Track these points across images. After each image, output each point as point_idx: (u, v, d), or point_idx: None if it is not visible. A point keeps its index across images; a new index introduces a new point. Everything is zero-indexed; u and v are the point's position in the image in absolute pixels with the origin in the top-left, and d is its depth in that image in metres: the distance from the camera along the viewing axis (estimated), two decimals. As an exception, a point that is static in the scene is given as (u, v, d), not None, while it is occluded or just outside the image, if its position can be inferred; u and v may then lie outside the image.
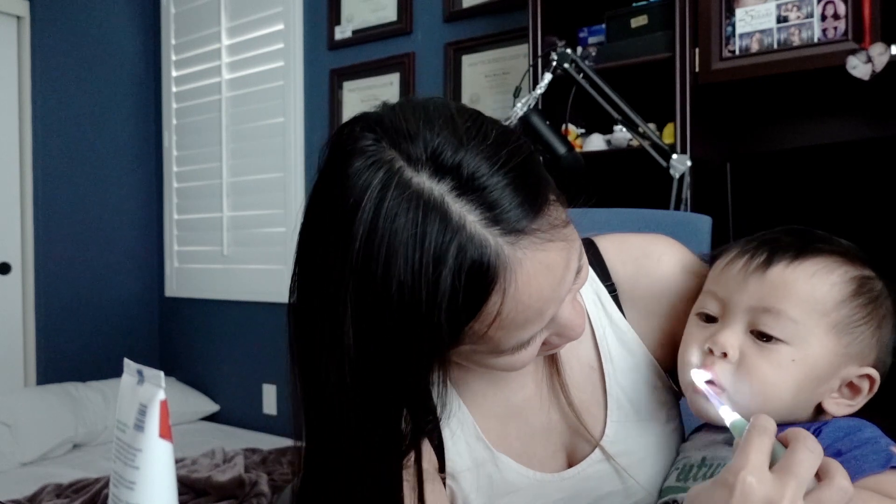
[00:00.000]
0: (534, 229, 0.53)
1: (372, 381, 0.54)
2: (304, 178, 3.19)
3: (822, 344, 0.63)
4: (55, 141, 3.37)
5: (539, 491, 0.70)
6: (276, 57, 3.23)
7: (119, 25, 3.62)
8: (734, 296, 0.65)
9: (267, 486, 2.35)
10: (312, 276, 0.56)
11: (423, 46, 2.85)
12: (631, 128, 1.79)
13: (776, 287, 0.63)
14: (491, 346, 0.57)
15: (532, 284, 0.53)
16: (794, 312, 0.62)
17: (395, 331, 0.52)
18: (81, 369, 3.35)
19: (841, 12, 1.75)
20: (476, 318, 0.53)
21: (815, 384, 0.63)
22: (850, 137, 1.96)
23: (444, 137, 0.52)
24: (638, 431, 0.72)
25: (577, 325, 0.61)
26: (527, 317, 0.55)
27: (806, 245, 0.65)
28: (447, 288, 0.51)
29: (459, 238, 0.51)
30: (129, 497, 0.47)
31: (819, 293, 0.63)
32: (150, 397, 0.47)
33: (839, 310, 0.63)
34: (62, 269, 3.39)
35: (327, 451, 0.59)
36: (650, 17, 2.04)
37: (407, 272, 0.50)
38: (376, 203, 0.51)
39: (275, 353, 3.31)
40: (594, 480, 0.71)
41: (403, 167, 0.52)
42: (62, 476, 2.57)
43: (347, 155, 0.53)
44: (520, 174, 0.53)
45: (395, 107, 0.56)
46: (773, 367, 0.62)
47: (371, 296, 0.51)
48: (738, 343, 0.64)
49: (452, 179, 0.51)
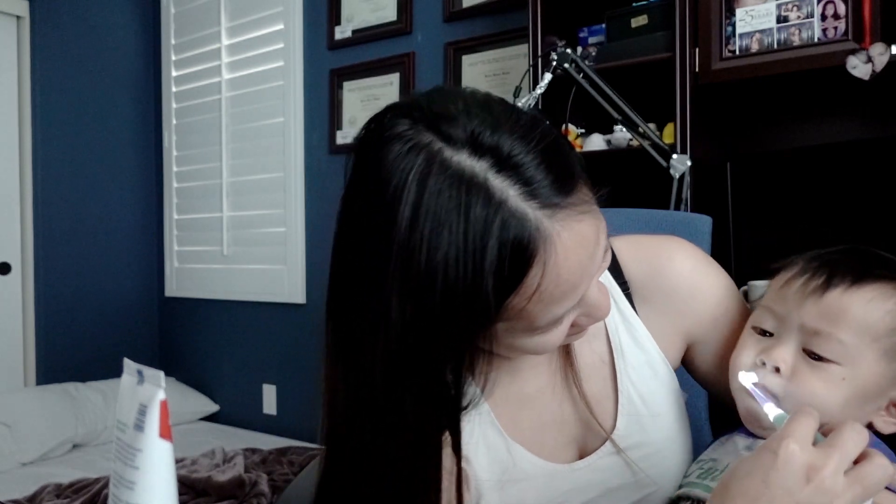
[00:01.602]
0: (569, 203, 0.55)
1: (417, 356, 0.56)
2: (304, 178, 3.19)
3: (872, 367, 0.64)
4: (55, 141, 3.37)
5: (549, 481, 0.71)
6: (276, 57, 3.23)
7: (119, 25, 3.62)
8: (791, 314, 0.67)
9: (267, 486, 2.35)
10: (355, 260, 0.57)
11: (423, 46, 2.85)
12: (631, 128, 1.79)
13: (832, 311, 0.65)
14: (527, 323, 0.59)
15: (569, 257, 0.56)
16: (847, 336, 0.64)
17: (440, 306, 0.54)
18: (81, 369, 3.35)
19: (841, 12, 1.75)
20: (517, 291, 0.55)
21: (862, 402, 0.65)
22: (850, 137, 1.96)
23: (482, 119, 0.55)
24: (648, 426, 0.73)
25: (603, 304, 0.63)
26: (563, 290, 0.57)
27: (866, 270, 0.66)
28: (493, 261, 0.53)
29: (502, 212, 0.53)
30: (129, 497, 0.47)
31: (873, 319, 0.64)
32: (150, 397, 0.47)
33: (892, 336, 0.64)
34: (62, 269, 3.39)
35: (366, 428, 0.60)
36: (650, 17, 2.04)
37: (452, 248, 0.52)
38: (419, 183, 0.53)
39: (275, 353, 3.31)
40: (604, 472, 0.72)
41: (443, 148, 0.54)
42: (62, 476, 2.57)
43: (384, 142, 0.55)
44: (552, 153, 0.56)
45: (429, 94, 0.59)
46: (823, 383, 0.64)
47: (416, 273, 0.53)
48: (791, 360, 0.66)
49: (491, 158, 0.54)
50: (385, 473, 0.60)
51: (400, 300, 0.54)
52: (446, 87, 0.59)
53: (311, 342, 3.15)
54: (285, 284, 3.23)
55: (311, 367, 3.16)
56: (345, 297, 0.59)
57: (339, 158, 3.09)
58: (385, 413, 0.58)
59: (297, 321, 3.22)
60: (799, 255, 0.71)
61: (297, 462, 2.61)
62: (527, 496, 0.71)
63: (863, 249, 0.70)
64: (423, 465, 0.60)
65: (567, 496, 0.72)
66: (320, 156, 3.16)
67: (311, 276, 3.18)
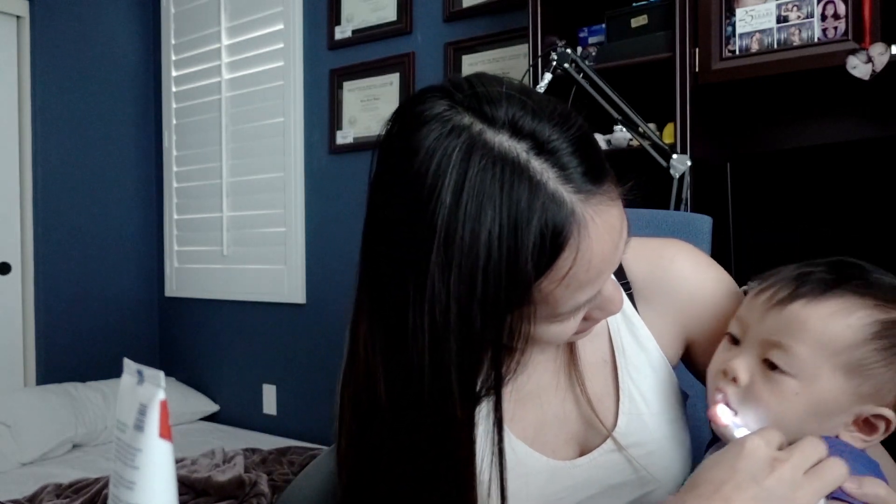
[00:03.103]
0: (601, 191, 0.57)
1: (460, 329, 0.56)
2: (304, 178, 3.19)
3: (829, 382, 0.63)
4: (55, 141, 3.37)
5: (551, 477, 0.72)
6: (276, 57, 3.23)
7: (119, 25, 3.62)
8: (753, 325, 0.67)
9: (267, 486, 2.35)
10: (395, 239, 0.58)
11: (423, 46, 2.85)
12: (631, 128, 1.79)
13: (790, 323, 0.64)
14: (551, 309, 0.60)
15: (599, 243, 0.57)
16: (802, 350, 0.63)
17: (483, 282, 0.55)
18: (81, 369, 3.35)
19: (841, 12, 1.75)
20: (548, 273, 0.57)
21: (822, 418, 0.64)
22: (850, 137, 1.96)
23: (522, 105, 0.57)
24: (648, 424, 0.74)
25: (617, 299, 0.65)
26: (590, 276, 0.58)
27: (837, 282, 0.65)
28: (531, 240, 0.54)
29: (543, 194, 0.55)
30: (129, 497, 0.47)
31: (832, 333, 0.63)
32: (150, 397, 0.47)
33: (851, 352, 0.63)
34: (62, 269, 3.39)
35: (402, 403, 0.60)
36: (650, 17, 2.04)
37: (496, 225, 0.54)
38: (462, 162, 0.54)
39: (275, 353, 3.31)
40: (605, 469, 0.72)
41: (484, 129, 0.55)
42: (62, 476, 2.57)
43: (423, 121, 0.57)
44: (585, 143, 0.58)
45: (469, 77, 0.60)
46: (776, 397, 0.64)
47: (459, 249, 0.54)
48: (749, 370, 0.66)
49: (531, 141, 0.56)
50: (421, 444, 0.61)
51: (443, 276, 0.55)
52: (486, 74, 0.61)
53: (311, 342, 3.15)
54: (285, 284, 3.23)
55: (311, 367, 3.16)
56: (383, 275, 0.59)
57: (339, 158, 3.09)
58: (428, 384, 0.58)
59: (297, 321, 3.22)
60: (784, 266, 0.70)
61: (297, 462, 2.61)
62: (528, 492, 0.71)
63: (850, 262, 0.68)
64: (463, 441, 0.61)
65: (568, 492, 0.72)
66: (320, 156, 3.16)
67: (311, 276, 3.18)
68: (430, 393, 0.58)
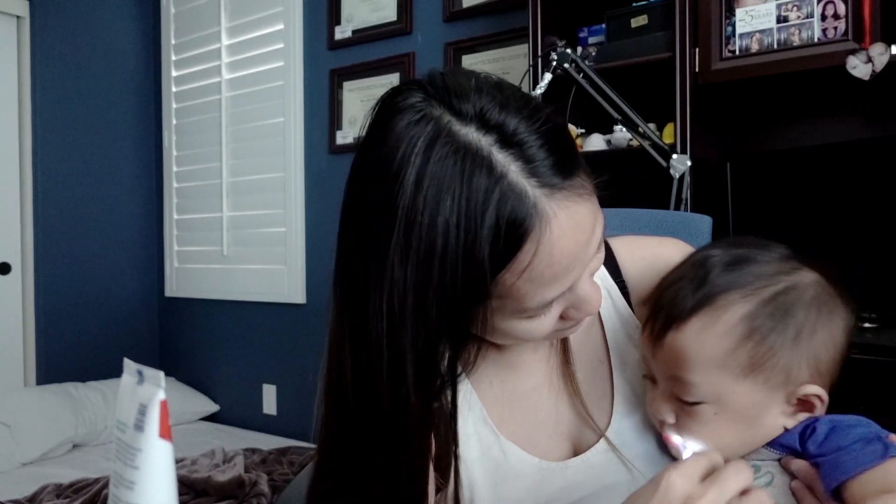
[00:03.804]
0: (568, 185, 0.57)
1: (416, 319, 0.57)
2: (304, 178, 3.19)
3: (736, 391, 0.62)
4: (55, 141, 3.37)
5: (543, 477, 0.72)
6: (276, 57, 3.23)
7: (119, 25, 3.62)
8: (651, 365, 0.67)
9: (267, 486, 2.35)
10: (362, 223, 0.59)
11: (423, 46, 2.85)
12: (631, 128, 1.79)
13: (673, 355, 0.64)
14: (515, 304, 0.60)
15: (563, 238, 0.57)
16: (694, 377, 0.63)
17: (440, 270, 0.55)
18: (81, 369, 3.35)
19: (841, 12, 1.75)
20: (509, 266, 0.56)
21: (753, 421, 0.64)
22: (850, 137, 1.96)
23: (491, 98, 0.57)
24: (643, 425, 0.73)
25: (594, 299, 0.64)
26: (554, 272, 0.58)
27: (695, 293, 0.64)
28: (488, 230, 0.54)
29: (502, 185, 0.55)
30: (129, 497, 0.47)
31: (708, 350, 0.62)
32: (150, 397, 0.47)
33: (736, 357, 0.62)
34: (62, 269, 3.39)
35: (363, 386, 0.61)
36: (650, 17, 2.04)
37: (453, 214, 0.54)
38: (426, 150, 0.55)
39: (275, 353, 3.31)
40: (598, 470, 0.72)
41: (452, 121, 0.56)
42: (62, 476, 2.57)
43: (396, 112, 0.58)
44: (555, 137, 0.58)
45: (443, 71, 0.61)
46: (701, 425, 0.64)
47: (418, 236, 0.55)
48: (671, 408, 0.66)
49: (497, 134, 0.56)
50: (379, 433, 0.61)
51: (402, 261, 0.56)
52: (462, 68, 0.62)
53: (311, 342, 3.15)
54: (285, 284, 3.23)
55: (311, 367, 3.16)
56: (351, 258, 0.60)
57: (339, 158, 3.09)
58: (386, 372, 0.59)
59: (297, 321, 3.22)
60: (665, 276, 0.69)
61: (297, 462, 2.61)
62: (520, 494, 0.71)
63: (705, 257, 0.66)
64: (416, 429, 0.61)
65: (561, 493, 0.72)
66: (320, 156, 3.16)
67: (311, 276, 3.18)
68: (387, 381, 0.59)
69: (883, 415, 0.68)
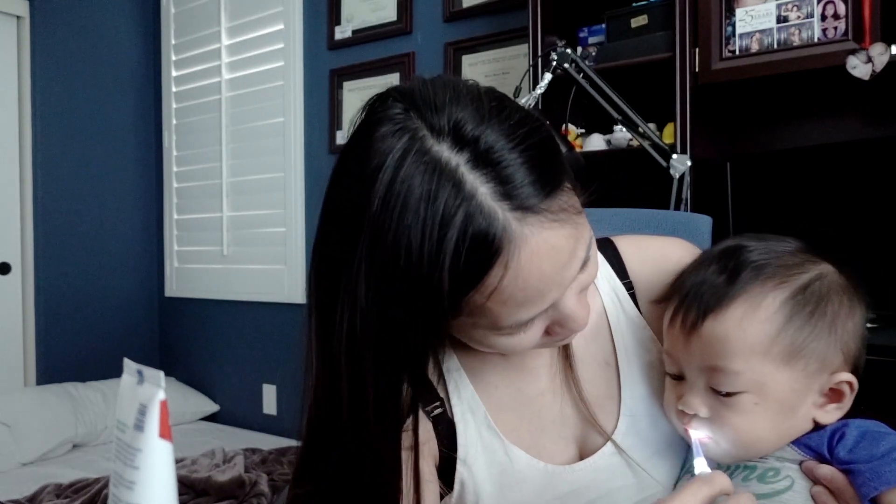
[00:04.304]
0: (543, 209, 0.55)
1: (378, 336, 0.57)
2: (304, 178, 3.19)
3: (778, 379, 0.62)
4: (55, 141, 3.37)
5: (549, 482, 0.71)
6: (276, 57, 3.23)
7: (119, 25, 3.62)
8: (683, 358, 0.66)
9: (267, 486, 2.35)
10: (333, 231, 0.59)
11: (423, 46, 2.85)
12: (631, 128, 1.79)
13: (713, 345, 0.63)
14: (490, 322, 0.59)
15: (535, 263, 0.55)
16: (737, 365, 0.62)
17: (401, 288, 0.54)
18: (81, 369, 3.35)
19: (841, 12, 1.75)
20: (477, 287, 0.55)
21: (790, 411, 0.64)
22: (850, 137, 1.96)
23: (468, 112, 0.55)
24: (651, 426, 0.73)
25: (579, 318, 0.62)
26: (526, 296, 0.56)
27: (731, 280, 0.64)
28: (450, 252, 0.53)
29: (468, 206, 0.53)
30: (129, 497, 0.47)
31: (752, 337, 0.62)
32: (150, 397, 0.47)
33: (778, 342, 0.62)
34: (62, 269, 3.39)
35: (331, 407, 0.60)
36: (650, 17, 2.04)
37: (416, 232, 0.53)
38: (396, 165, 0.54)
39: (275, 353, 3.31)
40: (605, 473, 0.72)
41: (426, 136, 0.55)
42: (62, 476, 2.57)
43: (376, 122, 0.57)
44: (536, 154, 0.55)
45: (426, 81, 0.59)
46: (740, 416, 0.63)
47: (383, 253, 0.54)
48: (705, 402, 0.65)
49: (470, 151, 0.54)
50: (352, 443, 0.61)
51: (367, 277, 0.55)
52: (445, 77, 0.60)
53: (311, 342, 3.15)
54: (285, 284, 3.23)
55: (311, 367, 3.16)
56: (321, 268, 0.60)
57: (339, 158, 3.08)
58: (348, 388, 0.58)
59: (297, 321, 3.21)
60: (681, 274, 0.69)
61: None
62: (526, 498, 0.71)
63: (732, 248, 0.67)
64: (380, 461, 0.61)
65: (567, 497, 0.71)
66: (320, 156, 3.16)
67: (311, 276, 3.18)
68: (348, 404, 0.59)
69: (883, 415, 0.68)
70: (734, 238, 0.69)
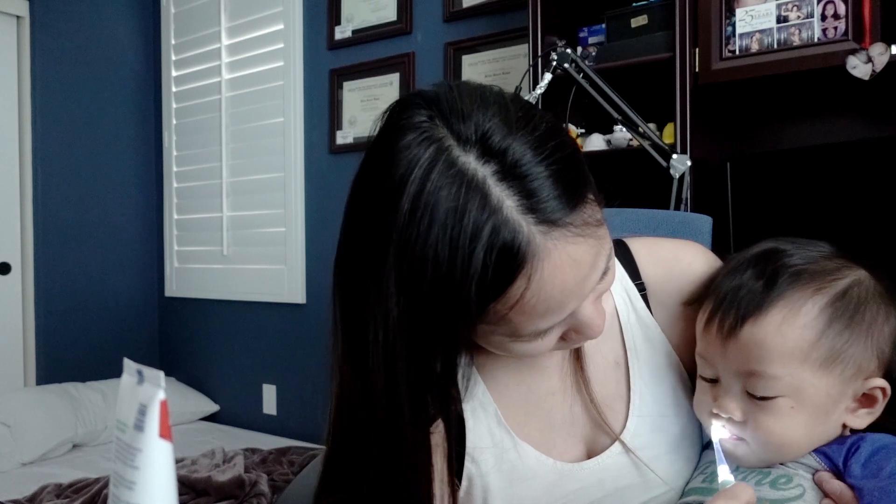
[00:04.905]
0: (567, 223, 0.55)
1: (409, 343, 0.57)
2: (304, 178, 3.19)
3: (815, 384, 0.63)
4: (55, 141, 3.37)
5: (558, 479, 0.72)
6: (276, 57, 3.23)
7: (119, 25, 3.62)
8: (719, 362, 0.66)
9: (267, 486, 2.35)
10: (359, 241, 0.58)
11: (423, 46, 2.85)
12: (631, 128, 1.79)
13: (751, 349, 0.63)
14: (510, 330, 0.59)
15: (557, 276, 0.55)
16: (776, 369, 0.62)
17: (429, 298, 0.55)
18: (81, 369, 3.35)
19: (841, 12, 1.75)
20: (500, 298, 0.55)
21: (825, 416, 0.64)
22: (850, 137, 1.96)
23: (496, 123, 0.55)
24: (659, 427, 0.73)
25: (596, 325, 0.63)
26: (548, 307, 0.57)
27: (768, 287, 0.64)
28: (479, 264, 0.53)
29: (495, 219, 0.53)
30: (129, 497, 0.47)
31: (791, 342, 0.62)
32: (150, 397, 0.47)
33: (818, 348, 0.62)
34: (62, 269, 3.39)
35: (364, 410, 0.60)
36: (650, 17, 2.04)
37: (444, 244, 0.53)
38: (423, 177, 0.54)
39: (275, 353, 3.31)
40: (613, 472, 0.72)
41: (452, 146, 0.54)
42: (62, 476, 2.57)
43: (401, 130, 0.56)
44: (562, 168, 0.56)
45: (452, 86, 0.59)
46: (775, 419, 0.63)
47: (411, 264, 0.54)
48: (739, 405, 0.65)
49: (497, 163, 0.54)
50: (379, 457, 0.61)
51: (396, 286, 0.55)
52: (472, 84, 0.60)
53: (311, 342, 3.15)
54: (285, 284, 3.23)
55: (311, 367, 3.16)
56: (349, 278, 0.60)
57: (339, 158, 3.09)
58: (381, 392, 0.59)
59: (297, 321, 3.22)
60: (715, 279, 0.69)
61: (297, 462, 2.61)
62: (535, 494, 0.71)
63: (769, 252, 0.67)
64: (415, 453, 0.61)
65: (575, 495, 0.72)
66: (320, 156, 3.16)
67: (311, 276, 3.18)
68: (384, 409, 0.59)
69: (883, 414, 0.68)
70: (768, 241, 0.69)
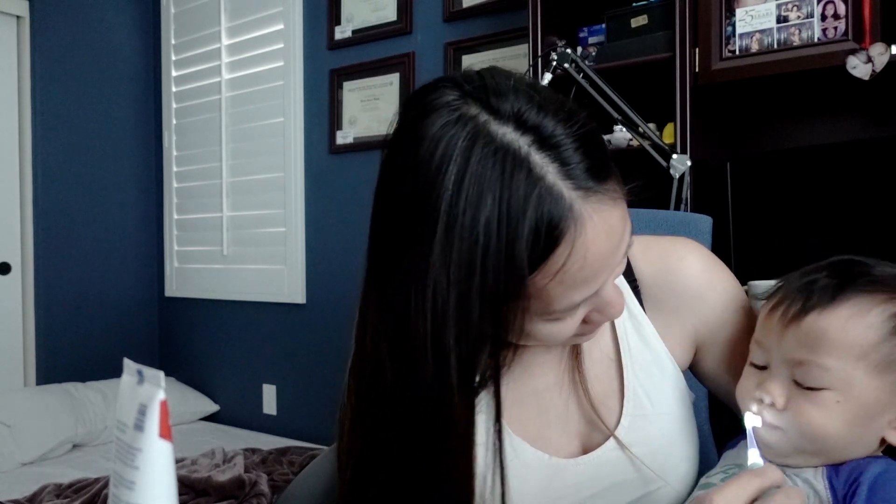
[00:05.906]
0: (600, 191, 0.57)
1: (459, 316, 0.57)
2: (304, 178, 3.19)
3: (866, 385, 0.63)
4: (55, 141, 3.37)
5: (553, 474, 0.72)
6: (276, 57, 3.23)
7: (119, 25, 3.62)
8: (775, 347, 0.66)
9: (267, 486, 2.35)
10: (401, 223, 0.58)
11: (423, 46, 2.85)
12: (631, 128, 1.79)
13: (810, 337, 0.63)
14: (544, 305, 0.60)
15: (596, 241, 0.57)
16: (830, 361, 0.63)
17: (481, 270, 0.55)
18: (81, 369, 3.35)
19: (841, 12, 1.75)
20: (542, 267, 0.57)
21: (868, 420, 0.64)
22: (850, 137, 1.96)
23: (528, 99, 0.58)
24: (653, 423, 0.74)
25: (617, 303, 0.64)
26: (585, 276, 0.58)
27: (843, 284, 0.65)
28: (529, 231, 0.55)
29: (541, 186, 0.55)
30: (129, 497, 0.47)
31: (853, 338, 0.62)
32: (150, 397, 0.47)
33: (877, 351, 0.62)
34: (62, 269, 3.39)
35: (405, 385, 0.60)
36: (650, 17, 2.04)
37: (494, 214, 0.54)
38: (465, 151, 0.55)
39: (275, 353, 3.31)
40: (608, 467, 0.73)
41: (489, 121, 0.56)
42: (62, 476, 2.57)
43: (431, 110, 0.58)
44: (590, 140, 0.58)
45: (481, 70, 0.61)
46: (818, 410, 0.63)
47: (460, 240, 0.55)
48: (784, 392, 0.65)
49: (534, 135, 0.56)
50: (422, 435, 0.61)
51: (444, 261, 0.56)
52: (498, 68, 0.61)
53: (311, 342, 3.15)
54: (285, 284, 3.23)
55: (311, 367, 3.16)
56: (388, 259, 0.60)
57: (339, 158, 3.09)
58: (430, 371, 0.59)
59: (297, 321, 3.22)
60: (788, 276, 0.70)
61: (297, 462, 2.61)
62: (530, 488, 0.72)
63: (846, 261, 0.68)
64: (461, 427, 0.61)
65: (570, 490, 0.72)
66: (320, 156, 3.16)
67: (311, 276, 3.18)
68: (431, 380, 0.59)
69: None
70: (846, 256, 0.70)
